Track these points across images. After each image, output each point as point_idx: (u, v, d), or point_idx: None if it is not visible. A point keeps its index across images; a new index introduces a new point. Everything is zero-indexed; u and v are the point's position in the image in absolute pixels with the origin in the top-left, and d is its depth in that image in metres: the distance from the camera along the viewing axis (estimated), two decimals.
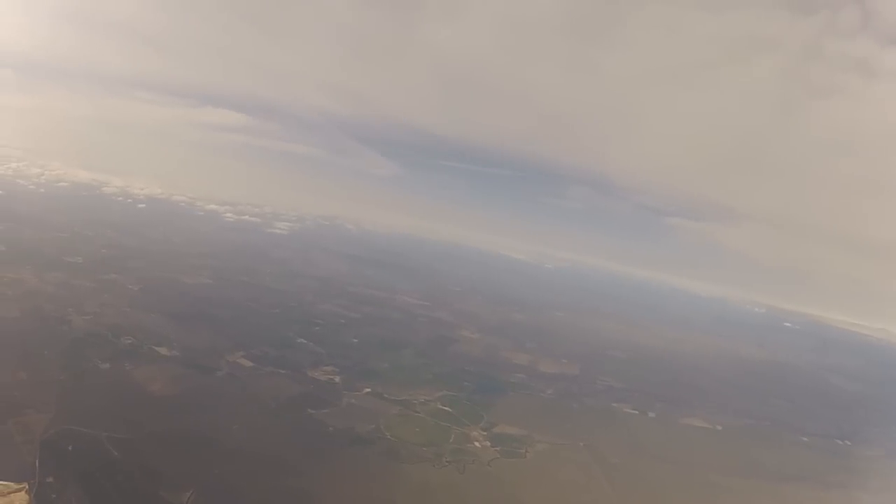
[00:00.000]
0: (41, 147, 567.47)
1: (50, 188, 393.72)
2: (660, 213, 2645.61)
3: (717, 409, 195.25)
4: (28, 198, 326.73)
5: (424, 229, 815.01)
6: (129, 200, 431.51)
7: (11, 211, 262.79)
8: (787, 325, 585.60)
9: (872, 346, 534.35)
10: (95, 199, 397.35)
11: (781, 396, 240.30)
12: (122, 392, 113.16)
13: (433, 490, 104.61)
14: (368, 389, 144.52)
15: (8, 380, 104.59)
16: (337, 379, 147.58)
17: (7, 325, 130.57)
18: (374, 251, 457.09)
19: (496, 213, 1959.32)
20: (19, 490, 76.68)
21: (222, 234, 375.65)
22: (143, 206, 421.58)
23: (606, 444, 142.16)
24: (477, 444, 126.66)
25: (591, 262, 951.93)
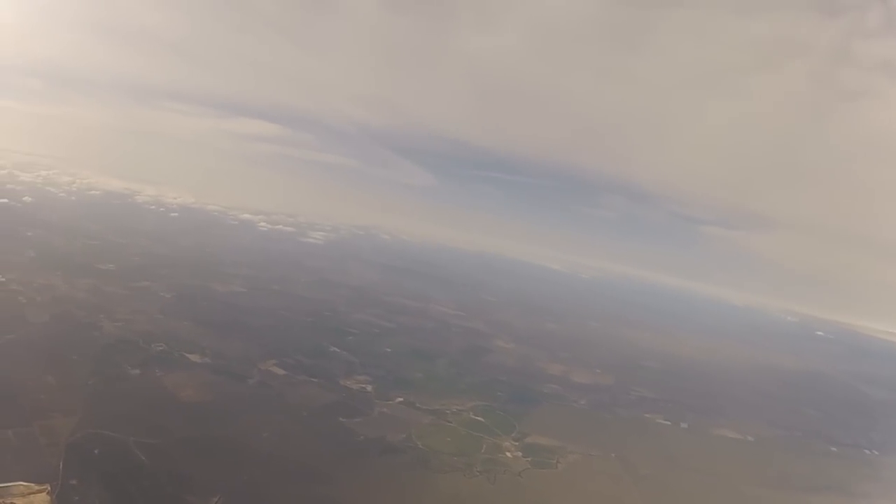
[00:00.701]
0: (70, 155, 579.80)
1: (81, 196, 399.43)
2: (693, 222, 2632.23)
3: (749, 419, 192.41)
4: (59, 205, 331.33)
5: (459, 239, 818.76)
6: (162, 209, 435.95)
7: (42, 218, 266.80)
8: (820, 333, 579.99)
9: None
10: (128, 208, 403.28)
11: (812, 406, 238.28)
12: (151, 397, 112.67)
13: (463, 500, 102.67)
14: (401, 399, 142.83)
15: (35, 384, 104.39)
16: (369, 388, 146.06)
17: (36, 330, 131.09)
18: (409, 261, 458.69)
19: (530, 222, 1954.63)
20: (41, 491, 76.15)
21: (256, 243, 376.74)
22: (176, 214, 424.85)
23: (638, 455, 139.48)
24: (508, 454, 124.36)
25: (624, 272, 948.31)
